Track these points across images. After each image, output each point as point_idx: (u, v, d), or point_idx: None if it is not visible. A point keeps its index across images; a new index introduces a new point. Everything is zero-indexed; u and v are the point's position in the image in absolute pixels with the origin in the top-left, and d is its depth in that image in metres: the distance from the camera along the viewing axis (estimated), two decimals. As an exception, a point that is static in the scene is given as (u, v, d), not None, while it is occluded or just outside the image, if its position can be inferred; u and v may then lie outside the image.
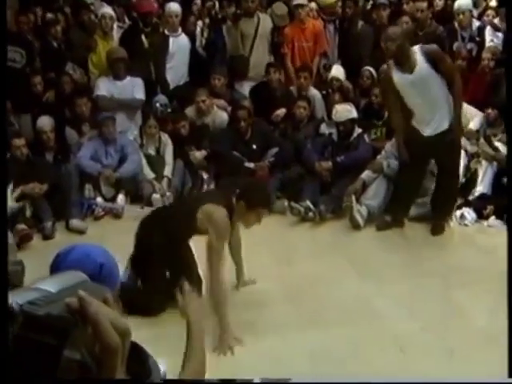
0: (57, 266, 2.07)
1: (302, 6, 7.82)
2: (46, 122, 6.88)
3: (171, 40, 7.85)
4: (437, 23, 8.05)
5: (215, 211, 4.35)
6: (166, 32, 7.90)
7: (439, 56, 5.57)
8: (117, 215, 6.74)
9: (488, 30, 7.89)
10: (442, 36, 7.94)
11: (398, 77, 5.63)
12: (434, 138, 5.69)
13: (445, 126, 5.66)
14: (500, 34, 7.79)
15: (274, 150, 6.92)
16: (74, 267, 2.00)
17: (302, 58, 7.87)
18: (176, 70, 7.87)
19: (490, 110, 6.84)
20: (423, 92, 5.60)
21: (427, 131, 5.73)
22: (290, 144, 7.01)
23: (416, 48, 5.57)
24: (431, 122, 5.70)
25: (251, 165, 6.79)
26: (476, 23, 8.17)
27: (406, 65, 5.55)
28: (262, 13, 7.91)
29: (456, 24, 8.10)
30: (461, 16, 8.02)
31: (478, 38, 8.02)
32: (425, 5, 8.00)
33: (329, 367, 4.01)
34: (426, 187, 6.21)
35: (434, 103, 5.62)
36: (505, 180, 6.32)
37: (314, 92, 7.56)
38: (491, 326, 4.42)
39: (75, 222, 6.48)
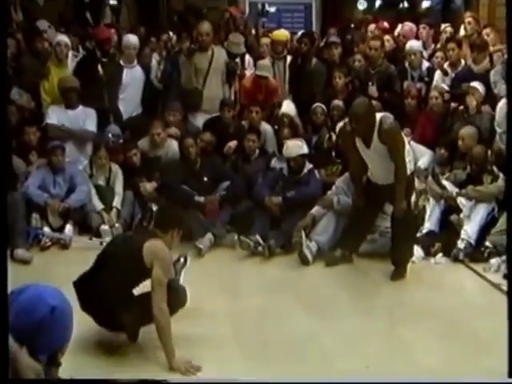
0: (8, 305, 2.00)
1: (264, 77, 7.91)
2: (-8, 149, 6.73)
3: (125, 71, 7.87)
4: (388, 62, 8.19)
5: (157, 246, 4.34)
6: (122, 63, 7.91)
7: (390, 139, 5.58)
8: (64, 246, 6.64)
9: (438, 74, 8.07)
10: (393, 75, 8.09)
11: (358, 142, 5.73)
12: (386, 186, 5.79)
13: (392, 179, 5.75)
14: (447, 80, 7.98)
15: (226, 184, 6.89)
16: (25, 307, 1.96)
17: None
18: (129, 101, 7.87)
19: (441, 150, 6.96)
20: (377, 163, 5.77)
21: (379, 182, 5.88)
22: (241, 178, 7.01)
23: (377, 118, 5.60)
24: (384, 179, 5.82)
25: (201, 198, 6.73)
26: (425, 64, 8.35)
27: (365, 139, 5.66)
28: (216, 46, 7.93)
29: (407, 64, 8.27)
30: (412, 56, 8.20)
31: (427, 79, 8.20)
32: (378, 43, 8.15)
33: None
34: (376, 224, 6.25)
35: (386, 171, 5.74)
36: (452, 218, 6.42)
37: (265, 127, 7.60)
38: (437, 363, 4.41)
39: (20, 252, 6.33)
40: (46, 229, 6.71)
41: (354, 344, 4.69)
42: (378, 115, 5.67)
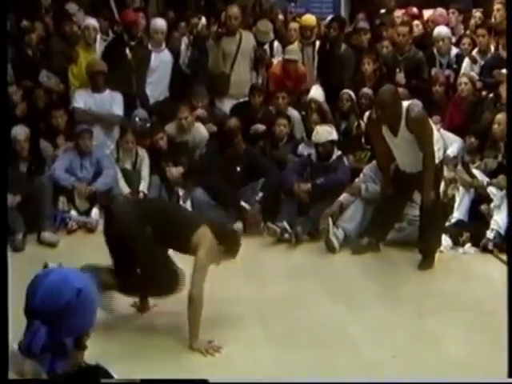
0: (34, 288, 2.00)
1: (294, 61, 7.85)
2: (20, 131, 6.75)
3: (154, 55, 7.84)
4: (416, 48, 8.09)
5: (207, 234, 4.46)
6: (150, 47, 7.89)
7: (418, 127, 5.52)
8: (90, 229, 6.66)
9: (466, 61, 7.95)
10: (421, 61, 8.00)
11: (385, 130, 5.67)
12: (414, 174, 5.72)
13: (419, 168, 5.68)
14: (476, 68, 7.87)
15: (261, 182, 6.75)
16: (51, 290, 1.96)
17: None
18: (156, 85, 7.85)
19: (471, 138, 6.87)
20: (405, 152, 5.70)
21: (408, 170, 5.81)
22: (275, 171, 6.82)
23: (404, 106, 5.53)
24: (412, 167, 5.75)
25: (246, 206, 6.61)
26: (454, 50, 8.23)
27: (392, 127, 5.59)
28: (244, 30, 7.89)
29: (435, 50, 8.16)
30: (440, 43, 8.10)
31: (455, 66, 8.08)
32: (406, 29, 8.06)
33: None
34: (405, 213, 6.18)
35: (414, 160, 5.67)
36: (482, 207, 6.33)
37: (292, 112, 7.55)
38: (464, 355, 4.36)
39: (47, 235, 6.37)
40: (73, 212, 6.74)
41: (380, 333, 4.66)
42: (406, 103, 5.60)
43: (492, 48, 8.07)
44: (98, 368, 1.78)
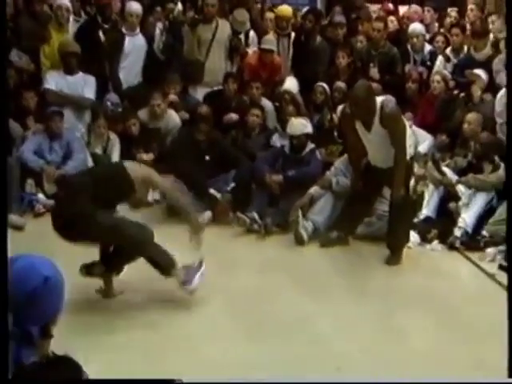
0: None
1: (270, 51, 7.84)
2: (-12, 111, 6.64)
3: (127, 39, 7.76)
4: (391, 44, 8.13)
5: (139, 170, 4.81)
6: (124, 30, 7.79)
7: (391, 123, 5.53)
8: (59, 213, 6.56)
9: (440, 59, 8.01)
10: (395, 57, 8.04)
11: (358, 125, 5.68)
12: (385, 170, 5.75)
13: (391, 163, 5.70)
14: (449, 66, 7.93)
15: (233, 172, 6.75)
16: (17, 277, 1.92)
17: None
18: (130, 70, 7.77)
19: (443, 136, 6.93)
20: (377, 147, 5.70)
21: (379, 165, 5.83)
22: (248, 162, 6.80)
23: (378, 102, 5.54)
24: (383, 163, 5.77)
25: (218, 195, 6.60)
26: (428, 47, 8.29)
27: (366, 123, 5.60)
28: (221, 19, 7.84)
29: (409, 47, 8.21)
30: (414, 39, 8.18)
31: (429, 63, 8.14)
32: (381, 25, 8.10)
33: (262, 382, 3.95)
34: (374, 207, 6.22)
35: (386, 155, 5.69)
36: (450, 205, 6.39)
37: (265, 102, 7.54)
38: (429, 349, 4.40)
39: (14, 218, 6.28)
40: (41, 195, 6.65)
41: (346, 326, 4.69)
42: (379, 99, 5.61)
43: (465, 48, 8.13)
44: (67, 359, 1.75)
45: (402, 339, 4.55)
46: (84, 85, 7.39)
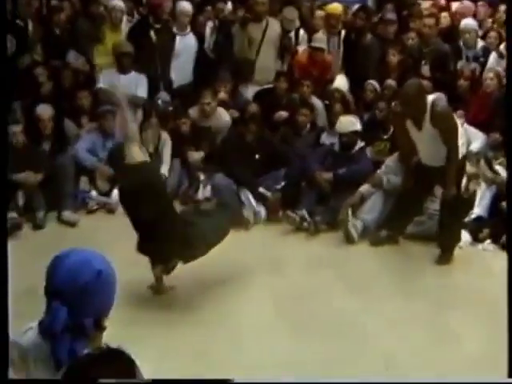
0: (54, 269, 2.02)
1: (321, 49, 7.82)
2: (45, 109, 6.80)
3: (178, 39, 7.81)
4: (442, 41, 8.03)
5: None
6: (175, 30, 7.86)
7: (443, 121, 5.47)
8: (110, 210, 6.68)
9: (493, 56, 7.87)
10: (447, 54, 7.93)
11: (409, 124, 5.63)
12: (437, 168, 5.67)
13: (442, 162, 5.64)
14: (503, 63, 7.78)
15: (283, 172, 6.74)
16: (71, 271, 1.97)
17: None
18: (181, 69, 7.80)
19: (496, 134, 6.81)
20: (428, 146, 5.63)
21: (430, 164, 5.75)
22: (298, 162, 6.77)
23: (429, 100, 5.49)
24: (435, 161, 5.70)
25: (268, 193, 6.59)
26: (480, 43, 8.15)
27: (417, 121, 5.54)
28: (271, 17, 7.86)
29: (461, 43, 8.08)
30: (466, 35, 8.01)
31: (482, 59, 8.00)
32: (432, 21, 8.00)
33: (309, 380, 3.96)
34: (425, 206, 6.16)
35: (437, 154, 5.62)
36: (503, 204, 6.28)
37: (315, 101, 7.52)
38: (481, 352, 4.36)
39: (67, 214, 6.42)
40: (94, 192, 6.77)
41: (395, 326, 4.68)
42: (431, 97, 5.56)
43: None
44: (120, 352, 1.79)
45: (452, 340, 4.53)
46: (137, 84, 7.48)
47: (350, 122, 6.57)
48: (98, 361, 1.73)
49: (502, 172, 6.42)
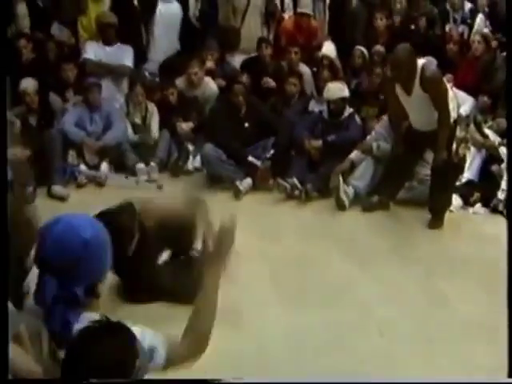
0: (42, 238, 1.96)
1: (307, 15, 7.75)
2: (29, 83, 6.69)
3: (162, 6, 7.69)
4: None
5: None
6: (158, -2, 7.74)
7: (433, 86, 5.43)
8: (100, 183, 6.64)
9: (480, 17, 7.84)
10: (435, 17, 7.89)
11: (398, 89, 5.59)
12: (427, 133, 5.65)
13: (434, 126, 5.60)
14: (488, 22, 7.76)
15: (272, 139, 6.69)
16: (58, 241, 1.92)
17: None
18: (165, 37, 7.70)
19: (484, 97, 6.79)
20: (419, 110, 5.60)
21: (421, 129, 5.73)
22: (285, 127, 6.71)
23: (419, 65, 5.45)
24: (425, 126, 5.68)
25: (258, 162, 6.52)
26: (468, 5, 8.10)
27: (407, 86, 5.50)
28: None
29: (448, 5, 8.03)
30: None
31: (469, 21, 7.96)
32: None
33: (306, 348, 3.98)
34: (416, 171, 6.15)
35: (428, 119, 5.60)
36: (493, 168, 6.29)
37: (303, 68, 7.47)
38: (472, 314, 4.39)
39: (57, 189, 6.37)
40: (83, 166, 6.72)
41: (389, 292, 4.68)
42: (420, 61, 5.51)
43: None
44: (121, 325, 1.76)
45: (445, 304, 4.54)
46: (122, 55, 7.40)
47: (337, 89, 6.52)
48: (99, 334, 1.71)
49: (492, 135, 6.43)
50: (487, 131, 6.48)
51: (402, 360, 3.89)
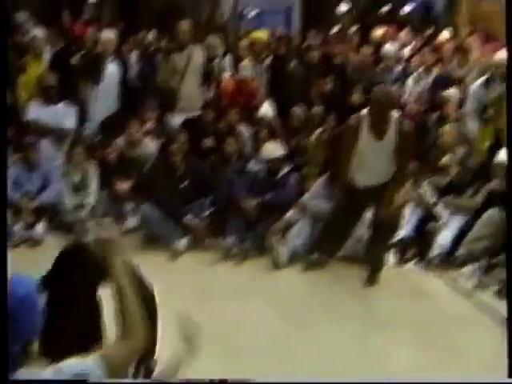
0: None
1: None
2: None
3: (102, 66, 7.71)
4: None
5: None
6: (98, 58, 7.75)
7: (408, 141, 5.54)
8: (35, 243, 6.54)
9: (411, 79, 8.09)
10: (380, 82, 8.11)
11: (366, 134, 5.58)
12: (372, 189, 5.69)
13: (382, 179, 5.68)
14: (421, 85, 7.99)
15: (209, 199, 6.71)
16: None
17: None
18: (105, 96, 7.69)
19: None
20: (381, 158, 5.62)
21: (368, 182, 5.73)
22: (223, 188, 6.76)
23: (395, 115, 5.56)
24: (374, 179, 5.70)
25: (195, 221, 6.51)
26: (399, 67, 8.41)
27: (379, 131, 5.53)
28: (195, 45, 7.87)
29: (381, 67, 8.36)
30: (387, 61, 8.29)
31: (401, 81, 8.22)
32: (370, 51, 8.33)
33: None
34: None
35: (381, 171, 5.66)
36: (429, 226, 6.35)
37: (242, 129, 7.55)
38: (407, 371, 4.40)
39: (-11, 250, 6.23)
40: (17, 226, 6.60)
41: (325, 350, 4.68)
42: (395, 113, 5.60)
43: (438, 67, 8.18)
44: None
45: (380, 361, 4.55)
46: (64, 115, 7.39)
47: (274, 148, 6.63)
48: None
49: (429, 194, 6.51)
50: (425, 189, 6.56)
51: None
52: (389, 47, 8.46)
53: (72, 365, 1.99)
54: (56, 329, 2.14)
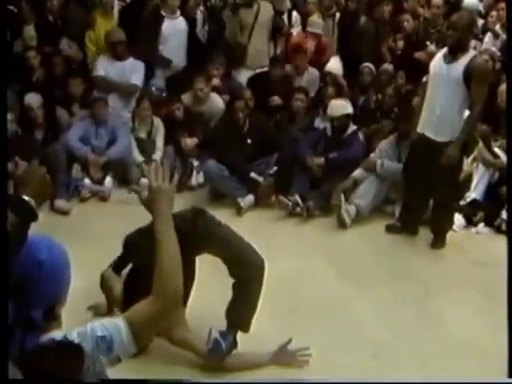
0: None
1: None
2: (34, 98, 6.74)
3: (167, 22, 7.67)
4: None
5: None
6: (163, 13, 7.72)
7: (478, 77, 5.21)
8: (103, 198, 6.64)
9: (488, 36, 7.77)
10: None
11: (437, 64, 5.39)
12: (437, 144, 5.42)
13: (447, 137, 5.39)
14: (498, 43, 7.68)
15: (275, 157, 6.64)
16: (16, 261, 1.88)
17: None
18: (171, 53, 7.66)
19: (482, 126, 6.65)
20: (445, 89, 5.31)
21: (429, 134, 5.47)
22: (289, 146, 6.63)
23: (471, 50, 5.40)
24: (436, 126, 5.42)
25: (260, 178, 6.50)
26: (480, 22, 8.08)
27: (454, 55, 5.30)
28: (262, 0, 7.76)
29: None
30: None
31: (480, 36, 7.93)
32: (440, 1, 7.94)
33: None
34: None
35: (447, 108, 5.34)
36: (500, 189, 6.14)
37: (312, 71, 7.51)
38: (467, 336, 4.32)
39: (60, 203, 6.36)
40: (87, 180, 6.72)
41: (385, 312, 4.63)
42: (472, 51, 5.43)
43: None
44: (71, 344, 1.74)
45: (441, 325, 4.47)
46: (132, 71, 7.41)
47: (341, 106, 6.48)
48: (46, 353, 1.68)
49: (501, 155, 6.30)
50: (497, 150, 6.34)
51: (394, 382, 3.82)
52: (470, 1, 8.08)
53: (94, 327, 1.93)
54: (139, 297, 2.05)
